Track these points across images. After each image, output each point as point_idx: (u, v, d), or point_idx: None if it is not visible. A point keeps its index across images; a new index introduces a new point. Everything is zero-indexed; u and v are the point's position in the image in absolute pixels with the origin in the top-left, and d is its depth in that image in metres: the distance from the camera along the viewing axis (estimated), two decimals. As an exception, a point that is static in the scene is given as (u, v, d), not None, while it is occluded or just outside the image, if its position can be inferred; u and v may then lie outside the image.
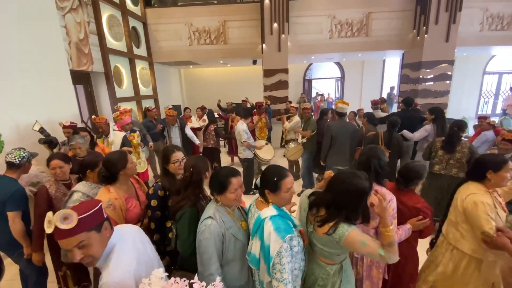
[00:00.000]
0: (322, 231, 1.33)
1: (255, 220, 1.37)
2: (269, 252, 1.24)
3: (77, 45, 4.60)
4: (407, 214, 1.80)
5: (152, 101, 7.53)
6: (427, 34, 6.73)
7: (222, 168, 1.54)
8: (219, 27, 7.31)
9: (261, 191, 1.44)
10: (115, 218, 1.71)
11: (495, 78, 11.35)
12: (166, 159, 1.90)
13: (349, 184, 1.30)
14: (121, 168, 1.77)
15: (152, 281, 0.98)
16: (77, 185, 1.98)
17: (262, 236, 1.29)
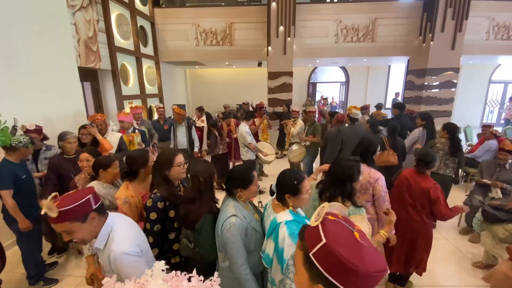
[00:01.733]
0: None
1: (271, 223, 1.42)
2: (282, 254, 1.29)
3: (85, 43, 4.68)
4: (418, 194, 2.19)
5: (157, 99, 7.60)
6: (433, 41, 6.73)
7: (239, 166, 1.66)
8: (225, 29, 7.37)
9: (281, 196, 1.47)
10: (130, 215, 1.69)
11: (501, 87, 11.30)
12: (168, 163, 1.75)
13: (338, 166, 1.69)
14: (142, 166, 1.85)
15: (154, 272, 1.01)
16: (90, 184, 2.06)
17: (276, 239, 1.34)
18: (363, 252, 0.57)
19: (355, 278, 0.54)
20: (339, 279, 0.55)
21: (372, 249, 0.59)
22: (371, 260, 0.56)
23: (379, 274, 0.56)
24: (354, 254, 0.56)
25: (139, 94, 6.52)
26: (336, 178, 1.67)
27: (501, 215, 2.55)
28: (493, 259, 2.75)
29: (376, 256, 0.58)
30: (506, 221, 2.50)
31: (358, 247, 0.58)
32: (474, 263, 2.89)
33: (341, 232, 0.61)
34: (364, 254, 0.56)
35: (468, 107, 11.06)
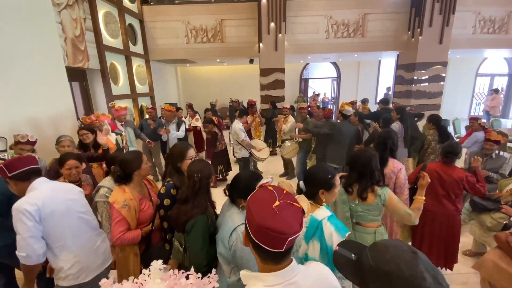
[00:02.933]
0: (371, 199, 1.75)
1: (310, 223, 1.35)
2: (332, 251, 1.26)
3: (73, 42, 4.58)
4: (451, 184, 2.35)
5: (148, 99, 7.51)
6: (421, 36, 6.83)
7: (243, 174, 1.52)
8: (216, 26, 7.31)
9: (313, 192, 1.45)
10: (129, 218, 1.71)
11: (487, 80, 11.56)
12: (181, 156, 1.82)
13: (364, 157, 1.78)
14: (136, 169, 1.79)
15: (152, 272, 1.01)
16: (103, 180, 2.03)
17: (322, 238, 1.32)
18: (268, 212, 0.74)
19: (253, 225, 0.74)
20: (247, 222, 0.77)
21: (282, 216, 0.73)
22: (272, 221, 0.72)
23: (271, 232, 0.70)
24: (259, 209, 0.75)
25: (129, 94, 6.43)
26: (361, 169, 1.78)
27: (488, 204, 2.64)
28: (482, 247, 2.85)
29: (281, 220, 0.72)
30: (493, 210, 2.58)
31: (266, 208, 0.75)
32: (464, 251, 2.98)
33: (263, 195, 0.80)
34: (267, 214, 0.73)
35: (456, 100, 11.30)
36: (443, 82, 7.30)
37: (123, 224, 1.71)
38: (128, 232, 1.72)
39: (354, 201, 1.82)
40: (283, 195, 0.80)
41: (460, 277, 2.63)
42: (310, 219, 1.38)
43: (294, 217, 0.76)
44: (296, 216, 0.77)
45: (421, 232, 2.52)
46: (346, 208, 1.85)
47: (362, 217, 1.81)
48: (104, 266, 1.83)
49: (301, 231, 0.73)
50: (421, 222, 2.22)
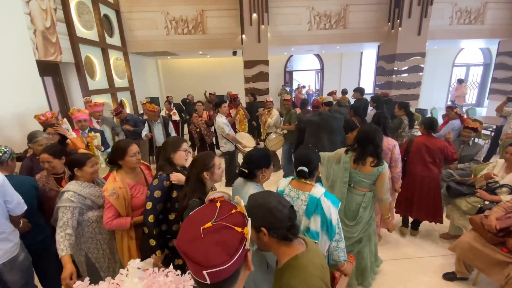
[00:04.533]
0: (369, 169, 2.07)
1: (310, 201, 1.52)
2: (331, 222, 1.49)
3: (43, 34, 4.31)
4: (436, 151, 2.84)
5: (128, 93, 7.25)
6: (400, 27, 6.96)
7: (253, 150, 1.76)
8: (197, 17, 7.11)
9: (312, 174, 1.61)
10: (117, 206, 1.80)
11: (463, 70, 12.02)
12: (175, 146, 1.83)
13: (369, 132, 2.08)
14: (119, 159, 1.84)
15: (130, 271, 0.97)
16: (67, 184, 1.89)
17: (322, 212, 1.49)
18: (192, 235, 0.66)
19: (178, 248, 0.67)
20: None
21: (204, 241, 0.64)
22: (186, 242, 0.65)
23: (184, 256, 0.65)
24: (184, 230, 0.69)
25: (107, 88, 6.18)
26: (367, 141, 2.06)
27: (463, 189, 2.75)
28: (458, 230, 2.99)
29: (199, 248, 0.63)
30: (468, 194, 2.70)
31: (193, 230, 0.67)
32: (442, 234, 3.12)
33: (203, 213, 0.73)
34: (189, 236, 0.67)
35: (434, 90, 11.70)
36: (421, 73, 7.52)
37: (111, 211, 1.81)
38: (117, 219, 1.82)
39: (355, 170, 2.16)
40: (226, 216, 0.69)
41: (437, 259, 2.75)
42: (309, 197, 1.53)
43: (223, 244, 0.63)
44: (227, 244, 0.63)
45: (411, 194, 2.97)
46: (346, 174, 2.20)
47: (358, 183, 2.17)
48: None
49: (229, 263, 0.61)
50: (411, 186, 2.96)
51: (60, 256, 1.69)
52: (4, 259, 1.76)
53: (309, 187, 1.57)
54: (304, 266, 1.01)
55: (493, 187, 2.61)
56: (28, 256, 1.96)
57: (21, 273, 1.87)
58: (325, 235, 1.51)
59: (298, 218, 1.54)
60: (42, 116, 3.14)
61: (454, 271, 2.45)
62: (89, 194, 1.89)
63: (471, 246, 2.20)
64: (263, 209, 1.01)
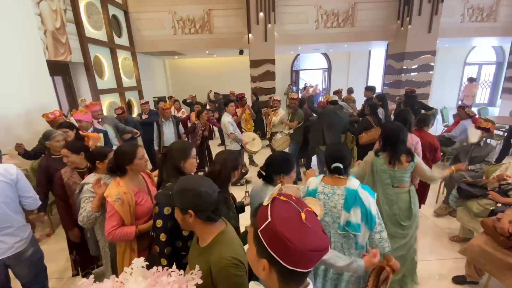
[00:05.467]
0: (405, 165, 2.11)
1: (347, 194, 1.53)
2: (371, 213, 1.51)
3: (53, 34, 4.39)
4: (426, 146, 2.89)
5: (136, 92, 7.33)
6: (410, 25, 6.83)
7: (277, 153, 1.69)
8: (203, 16, 7.13)
9: (347, 169, 1.63)
10: (122, 213, 1.65)
11: (475, 69, 11.72)
12: (185, 154, 1.64)
13: (398, 130, 2.11)
14: (128, 163, 1.70)
15: (134, 270, 0.98)
16: (87, 177, 1.99)
17: (361, 203, 1.50)
18: (305, 232, 0.62)
19: (293, 254, 0.59)
20: (279, 254, 0.60)
21: (315, 229, 0.64)
22: (311, 240, 0.61)
23: (315, 252, 0.60)
24: (294, 233, 0.60)
25: (116, 88, 6.26)
26: (397, 140, 2.10)
27: (475, 191, 2.68)
28: (469, 233, 2.91)
29: (317, 236, 0.63)
30: (480, 196, 2.63)
31: (300, 227, 0.62)
32: (451, 237, 3.04)
33: (287, 212, 0.65)
34: (304, 234, 0.61)
35: (444, 89, 11.44)
36: (431, 72, 7.36)
37: (115, 219, 1.64)
38: (121, 228, 1.65)
39: (393, 168, 2.15)
40: (297, 202, 0.70)
41: (447, 263, 2.68)
42: (346, 190, 1.54)
43: (319, 225, 0.67)
44: (319, 223, 0.68)
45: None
46: (386, 176, 2.18)
47: (401, 180, 2.18)
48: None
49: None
50: None
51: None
52: (9, 254, 1.77)
53: (344, 181, 1.58)
54: (230, 238, 1.11)
55: (506, 189, 2.53)
56: (39, 251, 1.99)
57: (29, 267, 1.90)
58: (365, 226, 1.53)
59: (337, 213, 1.57)
60: (50, 115, 3.19)
61: (464, 275, 2.39)
62: (105, 185, 1.92)
63: (483, 250, 2.14)
64: (192, 193, 1.05)
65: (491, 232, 2.14)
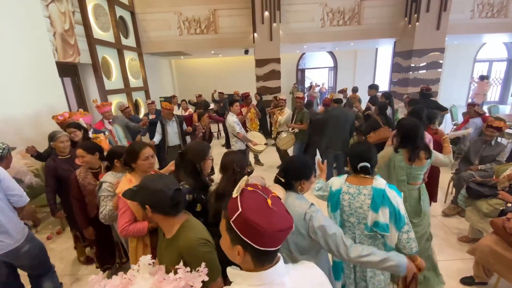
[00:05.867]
0: (423, 162, 2.11)
1: (374, 193, 1.50)
2: (399, 213, 1.48)
3: (62, 36, 4.48)
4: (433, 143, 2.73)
5: (142, 93, 7.42)
6: (418, 22, 6.72)
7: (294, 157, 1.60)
8: (209, 16, 7.17)
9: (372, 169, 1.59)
10: (134, 209, 1.69)
11: (486, 66, 11.47)
12: (203, 155, 1.69)
13: (415, 127, 2.09)
14: (132, 161, 1.79)
15: (141, 267, 1.00)
16: (104, 175, 2.04)
17: (389, 203, 1.48)
18: (272, 215, 0.69)
19: (264, 237, 0.67)
20: (252, 239, 0.68)
21: (280, 212, 0.72)
22: (278, 222, 0.69)
23: (281, 232, 0.69)
24: (263, 218, 0.68)
25: (123, 88, 6.34)
26: (416, 136, 2.09)
27: (485, 190, 2.63)
28: (478, 233, 2.86)
29: (283, 218, 0.71)
30: (489, 196, 2.58)
31: (268, 212, 0.70)
32: (460, 237, 2.99)
33: (255, 201, 0.72)
34: (272, 218, 0.69)
35: (454, 87, 11.23)
36: (440, 69, 7.24)
37: (128, 215, 1.68)
38: (134, 223, 1.69)
39: (411, 166, 2.14)
40: (263, 190, 0.77)
41: (455, 263, 2.64)
42: (373, 190, 1.51)
43: (284, 209, 0.75)
44: (284, 207, 0.76)
45: None
46: (403, 173, 2.17)
47: (416, 177, 2.17)
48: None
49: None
50: None
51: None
52: (5, 250, 1.85)
53: (370, 181, 1.56)
54: (194, 224, 1.23)
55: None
56: (37, 244, 2.08)
57: (30, 259, 2.02)
58: (394, 227, 1.49)
59: (362, 213, 1.53)
60: (60, 117, 3.25)
61: (472, 276, 2.35)
62: None
63: (492, 250, 2.10)
64: (149, 191, 1.16)
65: (501, 232, 2.10)
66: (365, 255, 1.19)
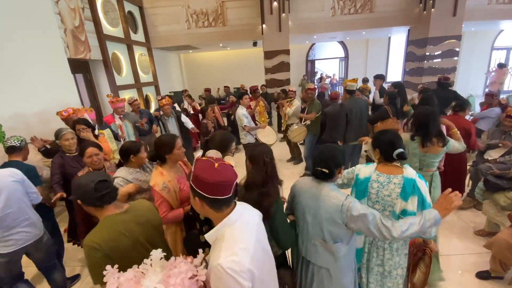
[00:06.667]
0: (438, 150, 2.18)
1: (405, 183, 1.53)
2: (426, 201, 1.53)
3: (73, 33, 4.53)
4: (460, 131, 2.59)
5: (153, 88, 7.48)
6: (433, 8, 6.45)
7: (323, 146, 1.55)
8: (217, 8, 7.10)
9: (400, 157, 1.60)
10: (170, 200, 1.76)
11: (504, 54, 10.94)
12: (226, 146, 1.77)
13: (429, 114, 2.18)
14: (168, 153, 1.82)
15: (153, 261, 1.01)
16: (117, 171, 2.07)
17: (419, 192, 1.52)
18: (215, 172, 0.96)
19: (209, 186, 0.94)
20: (202, 189, 0.95)
21: (224, 171, 0.97)
22: (219, 176, 0.95)
23: (223, 183, 0.95)
24: (207, 173, 0.95)
25: (133, 84, 6.41)
26: (429, 123, 2.16)
27: (503, 183, 2.53)
28: (495, 227, 2.77)
29: (225, 174, 0.97)
30: (507, 189, 2.49)
31: (212, 170, 0.96)
32: (477, 231, 2.91)
33: (205, 164, 0.99)
34: (214, 173, 0.95)
35: (471, 76, 10.79)
36: (457, 57, 6.96)
37: (165, 205, 1.76)
38: (171, 211, 1.78)
39: (425, 153, 2.21)
40: (215, 159, 1.02)
41: (471, 257, 2.58)
42: (403, 180, 1.54)
43: (231, 170, 1.01)
44: (231, 169, 1.02)
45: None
46: (416, 159, 2.25)
47: (430, 165, 2.24)
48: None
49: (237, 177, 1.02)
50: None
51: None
52: (32, 240, 2.02)
53: (400, 170, 1.58)
54: (104, 223, 1.27)
55: (538, 181, 2.38)
56: (49, 237, 2.23)
57: (46, 252, 2.17)
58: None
59: (390, 202, 1.58)
60: (64, 112, 3.22)
61: (489, 270, 2.29)
62: (135, 179, 2.02)
63: (509, 244, 2.04)
64: (76, 185, 1.27)
65: (520, 227, 2.03)
66: (406, 230, 1.26)
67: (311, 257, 1.52)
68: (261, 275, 0.97)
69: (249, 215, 1.09)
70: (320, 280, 1.50)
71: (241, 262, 0.90)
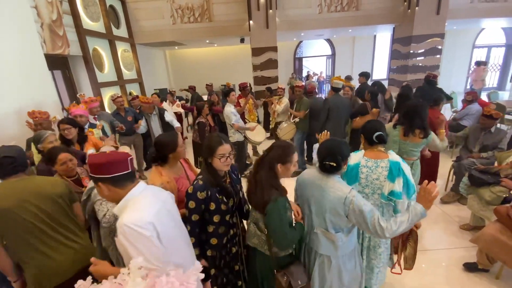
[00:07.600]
0: (418, 140, 2.34)
1: (392, 166, 1.69)
2: (410, 182, 1.70)
3: (50, 27, 4.29)
4: (435, 122, 2.79)
5: (137, 85, 7.26)
6: (417, 6, 6.56)
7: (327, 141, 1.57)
8: (203, 3, 6.94)
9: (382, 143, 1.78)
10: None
11: (485, 52, 11.34)
12: (210, 151, 1.54)
13: (417, 106, 2.33)
14: (171, 151, 1.77)
15: (131, 271, 0.93)
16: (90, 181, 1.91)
17: (403, 174, 1.68)
18: (104, 156, 1.09)
19: (102, 167, 1.07)
20: (98, 172, 1.08)
21: (113, 155, 1.11)
22: (108, 157, 1.08)
23: (112, 162, 1.07)
24: (97, 159, 1.08)
25: (116, 81, 6.18)
26: (415, 115, 2.30)
27: (487, 178, 2.58)
28: (480, 221, 2.83)
29: (113, 157, 1.09)
30: (492, 184, 2.54)
31: (102, 156, 1.09)
32: (462, 225, 2.97)
33: (98, 155, 1.12)
34: (103, 157, 1.08)
35: (453, 74, 11.12)
36: (439, 55, 7.12)
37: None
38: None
39: (406, 141, 2.39)
40: (109, 152, 1.17)
41: (457, 251, 2.63)
42: (390, 163, 1.70)
43: (122, 153, 1.14)
44: (124, 152, 1.15)
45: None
46: (396, 146, 2.43)
47: (408, 152, 2.42)
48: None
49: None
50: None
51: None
52: None
53: (385, 155, 1.75)
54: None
55: (520, 176, 2.44)
56: None
57: None
58: (405, 194, 1.71)
59: (378, 184, 1.74)
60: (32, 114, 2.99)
61: (476, 262, 2.33)
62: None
63: (496, 239, 2.07)
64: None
65: (505, 221, 2.07)
66: (397, 229, 1.34)
67: (313, 245, 1.58)
68: (167, 232, 1.07)
69: (157, 191, 1.21)
70: (322, 266, 1.57)
71: (142, 216, 1.00)
